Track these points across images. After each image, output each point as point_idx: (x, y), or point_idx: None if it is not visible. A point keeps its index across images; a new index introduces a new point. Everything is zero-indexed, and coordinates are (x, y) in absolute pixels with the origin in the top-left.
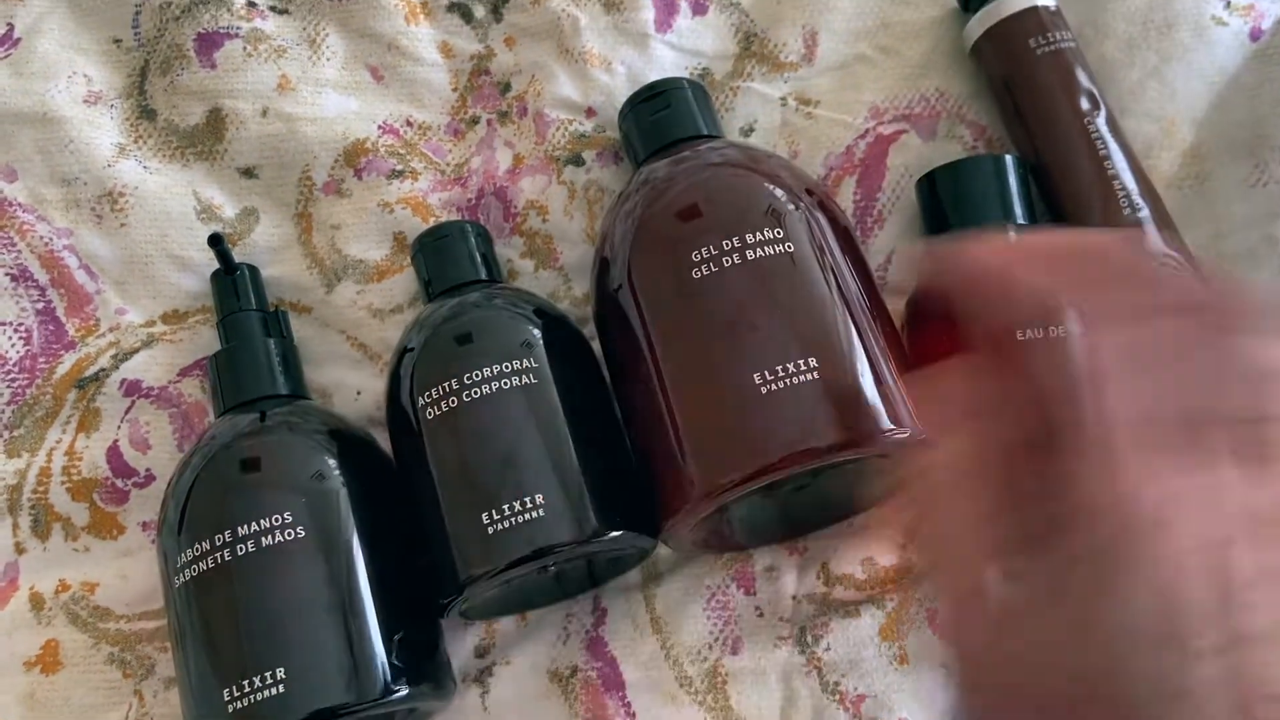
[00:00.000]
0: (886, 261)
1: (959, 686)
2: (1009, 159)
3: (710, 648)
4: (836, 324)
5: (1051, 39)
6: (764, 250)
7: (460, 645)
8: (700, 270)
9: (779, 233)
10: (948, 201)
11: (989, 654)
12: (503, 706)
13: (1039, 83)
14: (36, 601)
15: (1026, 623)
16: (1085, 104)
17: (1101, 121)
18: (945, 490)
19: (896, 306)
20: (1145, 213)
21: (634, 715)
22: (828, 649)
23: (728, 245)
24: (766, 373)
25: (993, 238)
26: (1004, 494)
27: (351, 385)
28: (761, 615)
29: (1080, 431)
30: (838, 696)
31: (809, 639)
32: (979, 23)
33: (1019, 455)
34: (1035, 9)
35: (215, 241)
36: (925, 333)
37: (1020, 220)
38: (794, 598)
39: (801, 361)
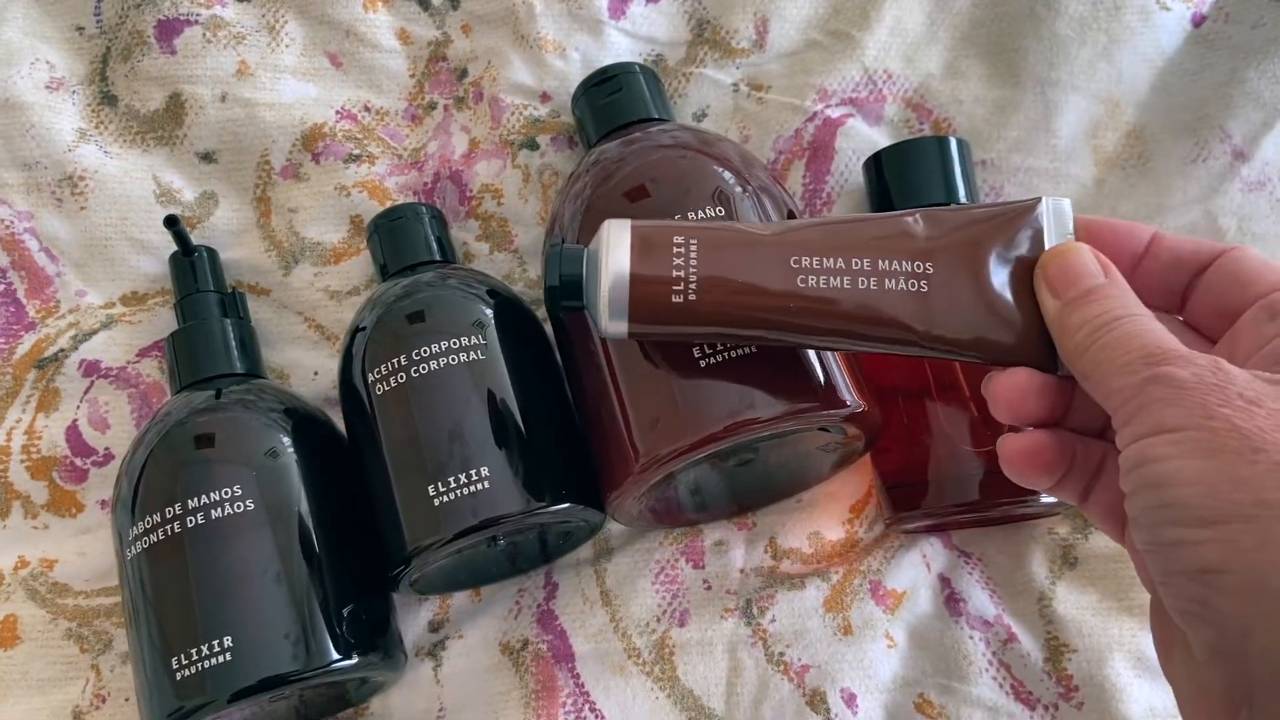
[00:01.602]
0: None
1: None
2: (953, 140)
3: (658, 620)
4: None
5: None
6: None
7: (414, 620)
8: None
9: (721, 211)
10: (893, 181)
11: None
12: (455, 679)
13: None
14: None
15: None
16: None
17: None
18: None
19: None
20: None
21: (583, 686)
22: (773, 620)
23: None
24: (706, 346)
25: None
26: None
27: (308, 366)
28: (709, 588)
29: None
30: (782, 667)
31: (754, 611)
32: None
33: None
34: None
35: (171, 223)
36: None
37: (962, 199)
38: (741, 571)
39: None
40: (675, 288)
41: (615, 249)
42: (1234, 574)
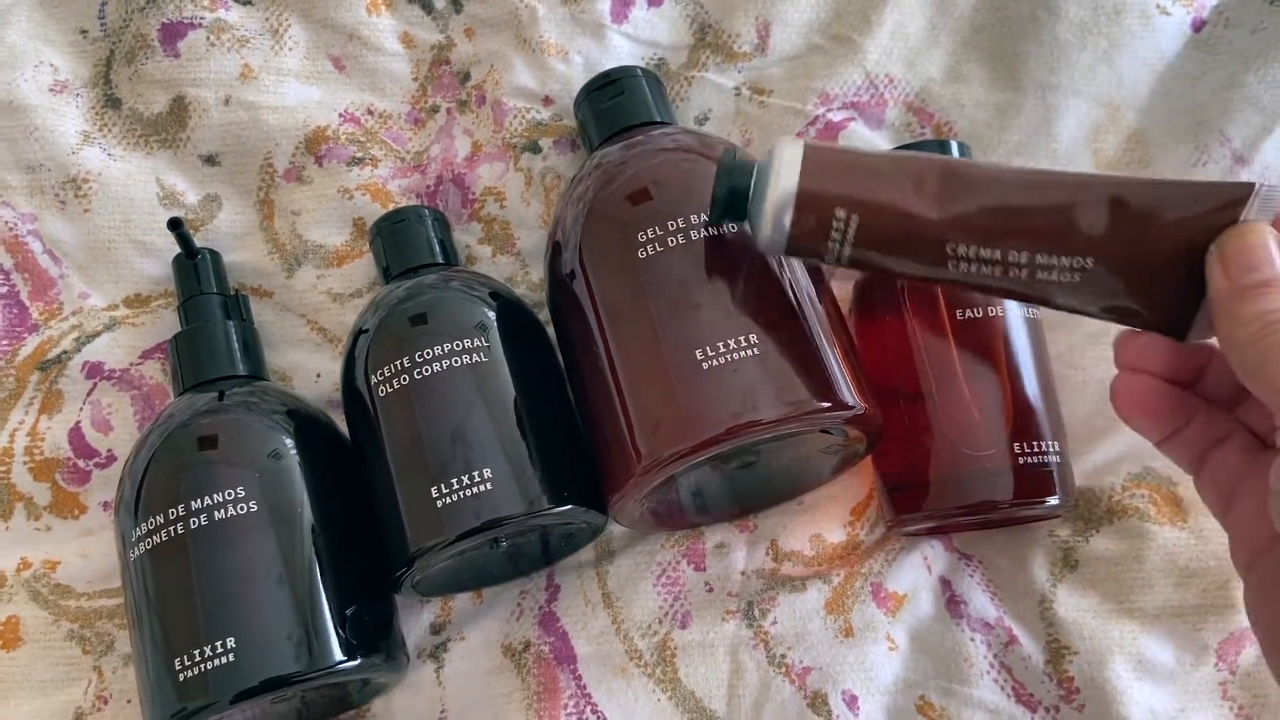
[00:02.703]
0: None
1: None
2: (954, 144)
3: (660, 622)
4: (778, 304)
5: None
6: (710, 231)
7: (416, 622)
8: (646, 250)
9: None
10: None
11: None
12: (457, 681)
13: None
14: None
15: None
16: None
17: None
18: None
19: (843, 293)
20: None
21: (585, 688)
22: (774, 623)
23: (673, 226)
24: (708, 348)
25: None
26: None
27: (311, 368)
28: (711, 590)
29: None
30: (784, 669)
31: (756, 613)
32: None
33: None
34: None
35: (175, 225)
36: (871, 318)
37: None
38: (743, 573)
39: (743, 338)
40: (828, 254)
41: (784, 183)
42: None
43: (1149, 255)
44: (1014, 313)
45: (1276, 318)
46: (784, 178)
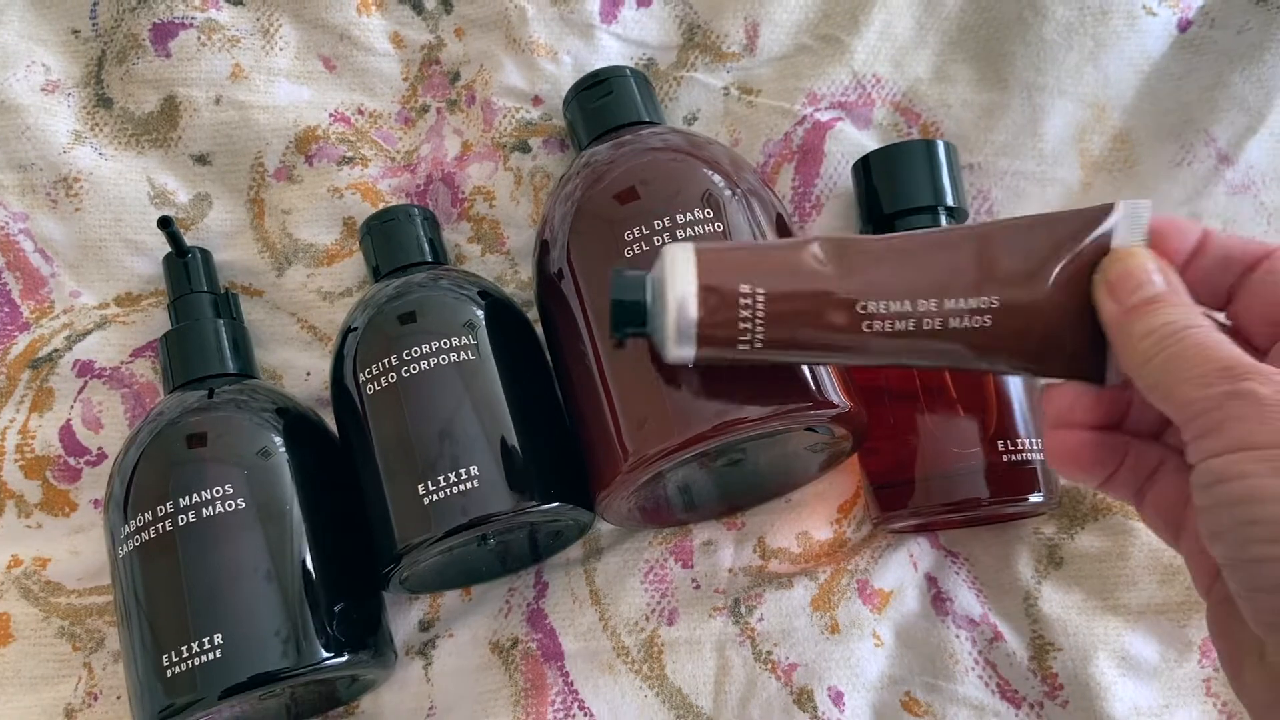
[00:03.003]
0: None
1: None
2: (940, 144)
3: (647, 619)
4: None
5: None
6: (695, 230)
7: (405, 619)
8: (632, 249)
9: (709, 213)
10: (882, 184)
11: None
12: (445, 677)
13: None
14: None
15: None
16: None
17: None
18: None
19: None
20: None
21: (572, 684)
22: (761, 619)
23: (659, 225)
24: None
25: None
26: None
27: (301, 366)
28: (698, 587)
29: None
30: (770, 665)
31: (743, 610)
32: None
33: None
34: None
35: (165, 224)
36: None
37: (949, 202)
38: (730, 570)
39: None
40: (742, 340)
41: (680, 283)
42: None
43: (1046, 298)
44: None
45: (1169, 330)
46: (681, 276)
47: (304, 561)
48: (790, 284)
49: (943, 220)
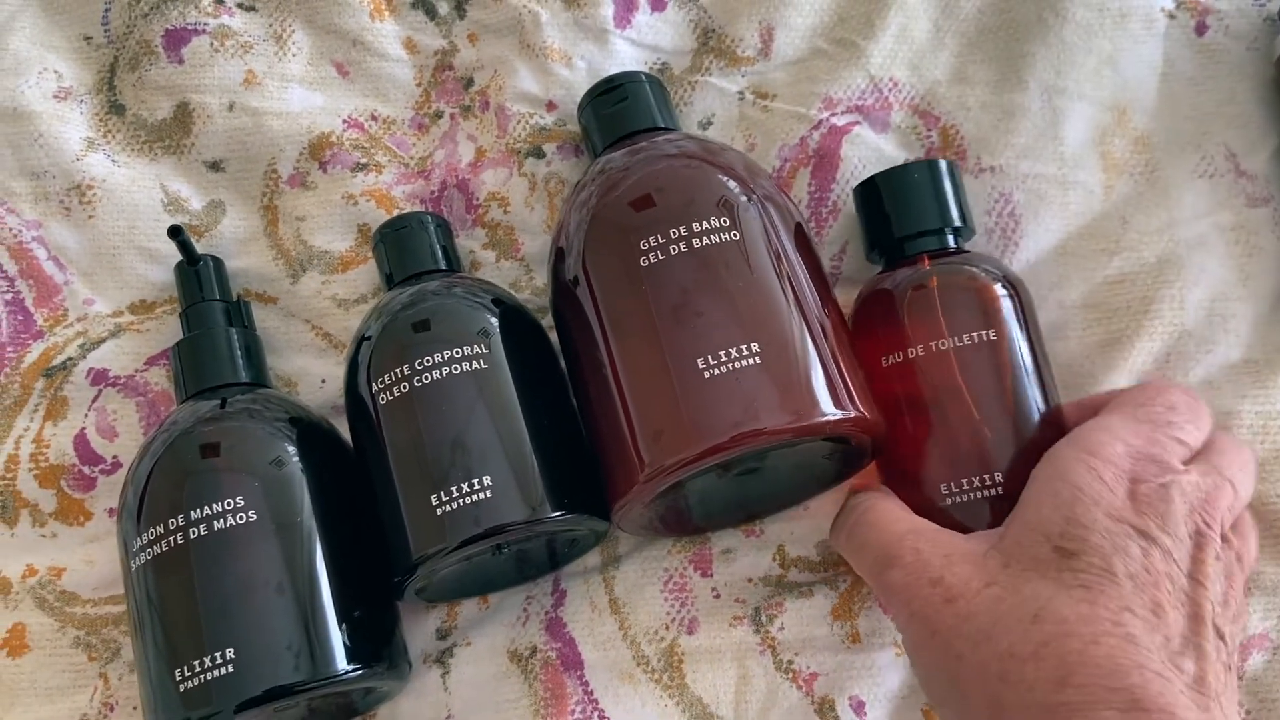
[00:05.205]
0: (841, 252)
1: None
2: (943, 163)
3: (667, 628)
4: (780, 311)
5: None
6: (711, 239)
7: (422, 628)
8: (648, 258)
9: (725, 221)
10: (890, 206)
11: None
12: (463, 686)
13: None
14: (4, 586)
15: None
16: None
17: None
18: None
19: (849, 297)
20: None
21: (591, 693)
22: (781, 629)
23: (675, 234)
24: (710, 357)
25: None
26: None
27: (316, 374)
28: (718, 596)
29: None
30: (791, 675)
31: (763, 619)
32: None
33: None
34: None
35: (175, 233)
36: (870, 330)
37: (956, 223)
38: (750, 579)
39: (744, 346)
40: None
41: None
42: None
43: None
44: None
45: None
46: None
47: (317, 572)
48: None
49: (950, 240)
